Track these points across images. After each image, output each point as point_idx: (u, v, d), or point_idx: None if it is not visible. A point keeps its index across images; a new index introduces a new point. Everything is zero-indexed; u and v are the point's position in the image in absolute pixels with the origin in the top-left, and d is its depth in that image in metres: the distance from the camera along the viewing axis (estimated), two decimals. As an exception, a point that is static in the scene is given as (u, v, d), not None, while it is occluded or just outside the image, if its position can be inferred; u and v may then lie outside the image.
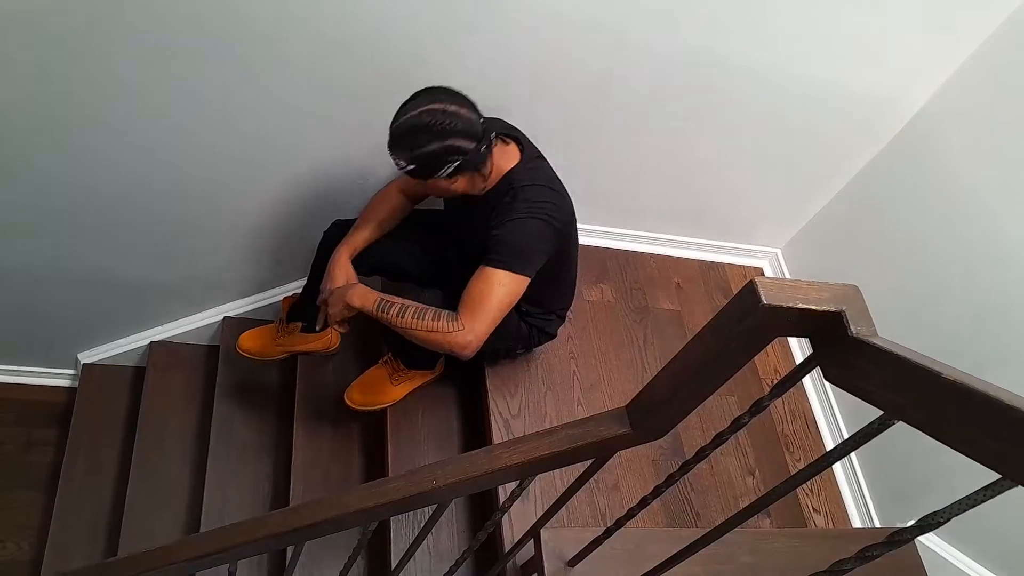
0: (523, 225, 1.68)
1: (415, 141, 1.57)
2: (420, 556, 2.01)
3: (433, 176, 1.62)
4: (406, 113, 1.57)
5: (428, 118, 1.55)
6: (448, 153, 1.58)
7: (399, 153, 1.59)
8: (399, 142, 1.58)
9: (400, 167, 1.61)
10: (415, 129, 1.56)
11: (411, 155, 1.58)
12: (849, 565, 0.84)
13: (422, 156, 1.58)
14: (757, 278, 0.74)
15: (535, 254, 1.72)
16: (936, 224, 2.12)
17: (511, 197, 1.71)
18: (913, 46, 1.97)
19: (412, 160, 1.58)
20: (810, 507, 2.28)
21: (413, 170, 1.60)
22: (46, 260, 2.22)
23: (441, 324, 1.66)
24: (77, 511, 2.49)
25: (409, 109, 1.57)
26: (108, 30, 1.57)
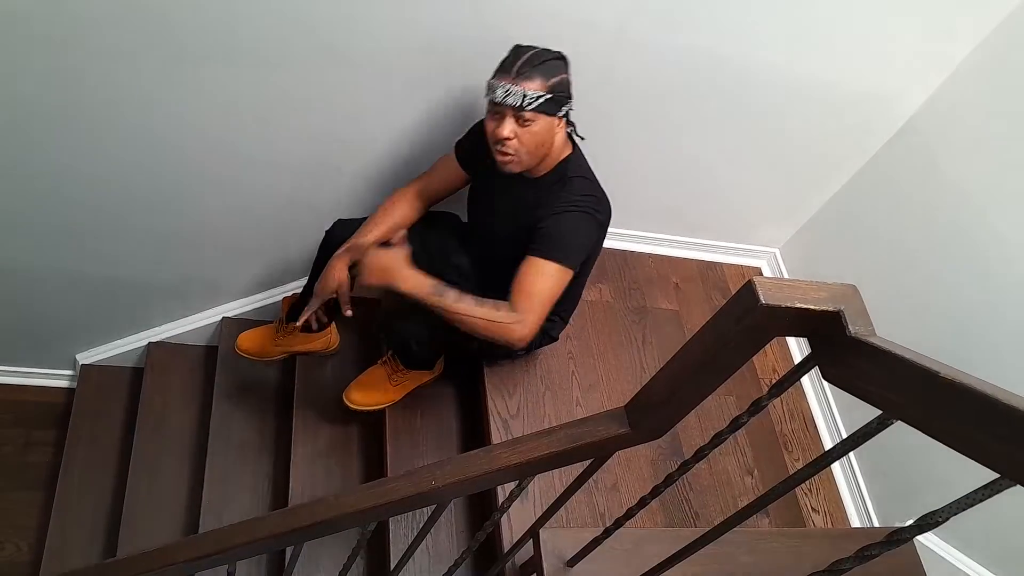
0: (573, 219, 1.71)
1: (549, 67, 1.60)
2: (419, 556, 2.01)
3: (559, 109, 1.64)
4: (525, 51, 1.60)
5: (550, 53, 1.61)
6: (568, 88, 1.64)
7: (535, 80, 1.58)
8: (534, 68, 1.58)
9: (532, 100, 1.58)
10: (546, 58, 1.60)
11: (548, 81, 1.60)
12: (848, 564, 0.84)
13: (558, 84, 1.61)
14: (755, 278, 0.74)
15: (581, 249, 1.74)
16: (933, 224, 2.13)
17: (562, 185, 1.73)
18: (910, 47, 1.98)
19: (550, 88, 1.60)
20: (809, 507, 2.28)
21: (548, 99, 1.60)
22: (44, 260, 2.22)
23: (501, 315, 1.65)
24: (76, 511, 2.49)
25: (529, 48, 1.61)
26: (108, 30, 1.57)
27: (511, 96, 1.59)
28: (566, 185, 1.73)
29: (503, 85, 1.60)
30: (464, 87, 1.91)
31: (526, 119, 1.62)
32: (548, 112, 1.63)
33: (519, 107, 1.60)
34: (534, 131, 1.64)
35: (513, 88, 1.58)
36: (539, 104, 1.60)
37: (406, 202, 1.97)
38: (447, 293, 1.68)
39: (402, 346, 1.87)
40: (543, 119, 1.64)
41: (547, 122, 1.65)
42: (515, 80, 1.58)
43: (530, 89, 1.58)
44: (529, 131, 1.64)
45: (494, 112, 1.65)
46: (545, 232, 1.69)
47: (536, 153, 1.70)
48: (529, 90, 1.58)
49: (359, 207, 2.19)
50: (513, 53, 1.62)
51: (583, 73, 1.93)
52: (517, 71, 1.59)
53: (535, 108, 1.60)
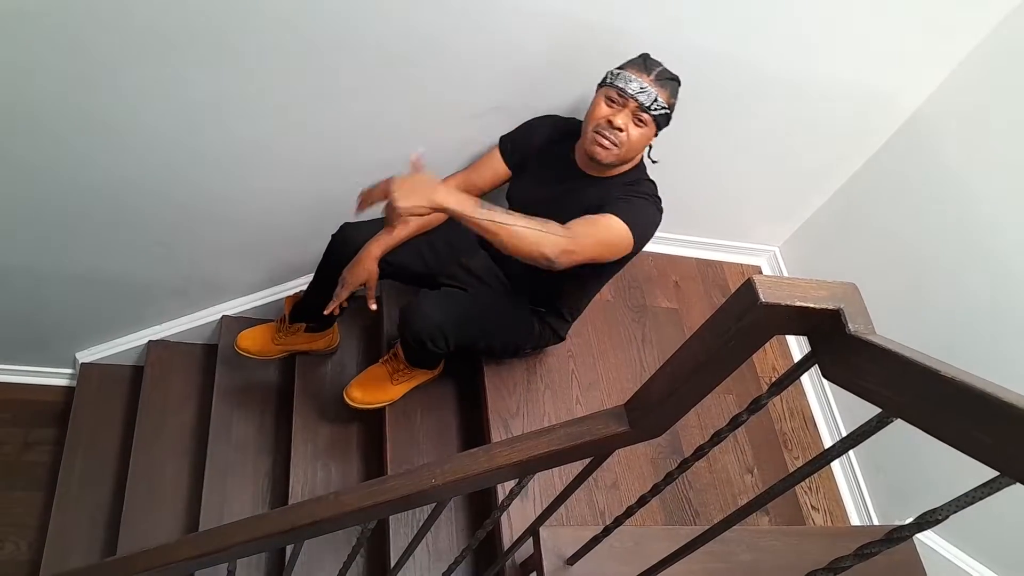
0: (648, 206, 1.78)
1: (674, 91, 1.73)
2: (419, 555, 2.02)
3: (664, 127, 1.75)
4: (657, 64, 1.72)
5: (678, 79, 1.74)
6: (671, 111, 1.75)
7: (665, 92, 1.70)
8: (668, 81, 1.71)
9: (657, 107, 1.68)
10: (673, 78, 1.73)
11: (669, 99, 1.72)
12: (847, 563, 0.84)
13: (671, 106, 1.73)
14: (755, 276, 0.74)
15: (645, 232, 1.74)
16: (933, 222, 2.13)
17: (637, 181, 1.82)
18: (911, 46, 1.98)
19: (669, 104, 1.72)
20: (809, 505, 2.28)
21: (665, 113, 1.71)
22: (45, 259, 2.22)
23: (551, 227, 1.55)
24: (76, 510, 2.49)
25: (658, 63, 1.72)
26: (109, 29, 1.57)
27: (645, 94, 1.67)
28: (640, 184, 1.81)
29: (639, 81, 1.67)
30: (466, 89, 1.91)
31: (642, 120, 1.70)
32: (659, 125, 1.73)
33: (645, 107, 1.67)
34: (641, 132, 1.72)
35: (649, 88, 1.67)
36: (660, 114, 1.70)
37: None
38: (494, 210, 1.50)
39: (418, 342, 1.84)
40: (651, 128, 1.72)
41: (651, 132, 1.73)
42: (653, 82, 1.68)
43: (660, 97, 1.68)
44: (638, 131, 1.72)
45: (614, 101, 1.70)
46: (624, 202, 1.72)
47: (628, 153, 1.76)
48: (660, 97, 1.68)
49: (367, 212, 2.19)
50: (646, 58, 1.72)
51: (583, 73, 1.93)
52: (656, 76, 1.69)
53: (656, 115, 1.69)
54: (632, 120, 1.70)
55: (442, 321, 1.82)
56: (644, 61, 1.71)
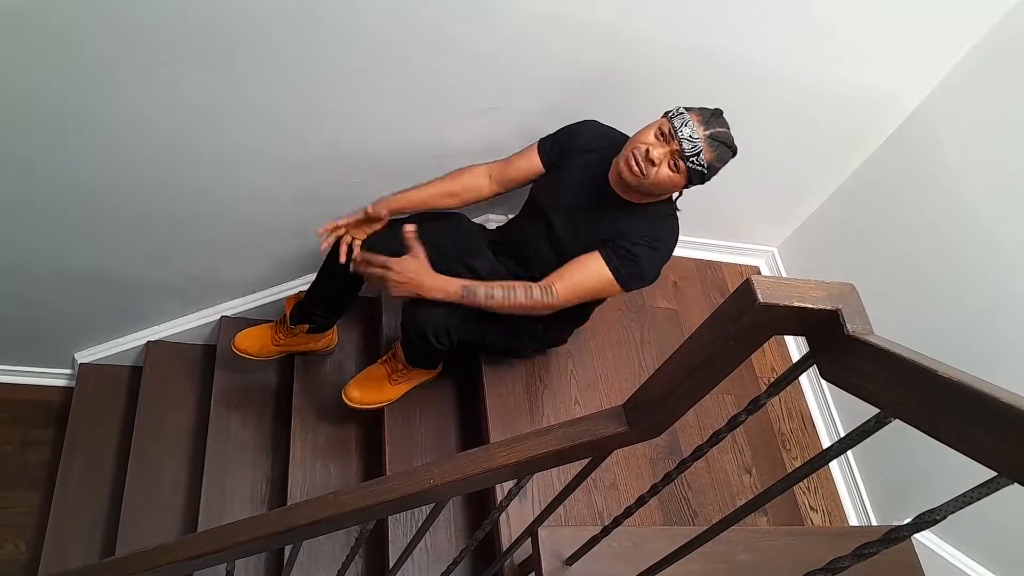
0: (652, 256, 1.80)
1: (723, 156, 1.69)
2: (418, 555, 2.02)
3: (698, 183, 1.71)
4: (727, 127, 1.69)
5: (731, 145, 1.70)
6: (711, 176, 1.71)
7: (712, 151, 1.66)
8: (720, 144, 1.66)
9: (696, 162, 1.66)
10: (732, 148, 1.70)
11: (712, 162, 1.67)
12: (846, 563, 0.84)
13: (713, 170, 1.69)
14: (753, 276, 0.74)
15: (644, 278, 1.83)
16: (930, 223, 2.13)
17: (660, 218, 1.82)
18: (908, 47, 1.98)
19: (710, 166, 1.68)
20: (807, 505, 2.28)
21: (700, 171, 1.67)
22: (43, 259, 2.21)
23: (534, 300, 1.77)
24: (74, 511, 2.49)
25: (726, 125, 1.70)
26: (106, 30, 1.57)
27: (690, 142, 1.65)
28: (662, 219, 1.82)
29: (695, 129, 1.65)
30: (468, 90, 1.91)
31: (677, 166, 1.68)
32: (691, 179, 1.70)
33: (685, 155, 1.66)
34: (671, 176, 1.70)
35: (699, 141, 1.65)
36: (695, 169, 1.67)
37: (476, 175, 1.99)
38: (476, 292, 1.76)
39: (422, 338, 1.85)
40: (682, 177, 1.70)
41: (681, 181, 1.71)
42: (706, 137, 1.65)
43: (704, 154, 1.65)
44: (669, 173, 1.69)
45: (663, 134, 1.69)
46: (627, 252, 1.77)
47: (652, 189, 1.75)
48: (703, 154, 1.65)
49: (358, 206, 2.19)
50: (716, 114, 1.69)
51: (580, 71, 1.93)
52: (713, 133, 1.65)
53: (691, 167, 1.67)
54: (669, 160, 1.68)
55: (447, 317, 1.82)
56: (712, 115, 1.68)
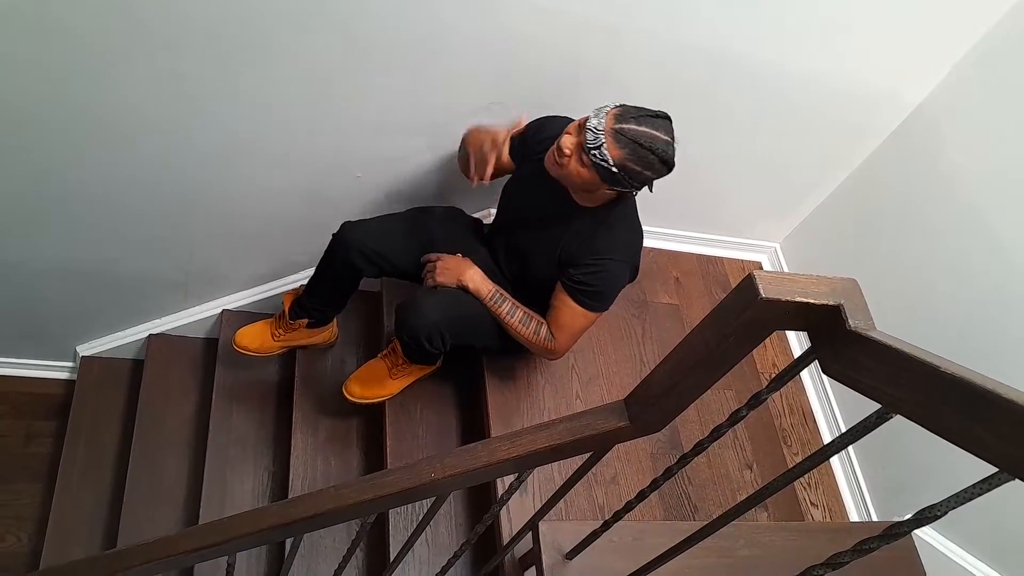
0: (615, 270, 1.80)
1: (642, 158, 1.56)
2: (418, 549, 2.02)
3: (612, 184, 1.62)
4: (655, 128, 1.56)
5: (670, 153, 1.58)
6: (641, 181, 1.62)
7: (619, 148, 1.54)
8: (629, 145, 1.54)
9: (598, 156, 1.55)
10: (653, 150, 1.55)
11: (625, 163, 1.56)
12: (846, 558, 0.84)
13: (628, 172, 1.57)
14: (755, 272, 0.74)
15: (614, 295, 1.86)
16: (933, 219, 2.13)
17: (607, 227, 1.78)
18: (911, 43, 1.97)
19: (619, 166, 1.56)
20: (808, 501, 2.29)
21: (606, 170, 1.57)
22: (45, 253, 2.22)
23: (542, 338, 1.87)
24: (76, 503, 2.49)
25: (658, 127, 1.56)
26: (108, 23, 1.56)
27: (592, 134, 1.56)
28: (612, 228, 1.79)
29: (600, 122, 1.56)
30: (467, 90, 1.91)
31: (583, 160, 1.60)
32: (601, 176, 1.60)
33: (586, 147, 1.57)
34: (580, 171, 1.62)
35: (601, 134, 1.55)
36: (598, 163, 1.57)
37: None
38: (503, 304, 1.87)
39: (414, 341, 1.87)
40: (591, 174, 1.61)
41: (592, 178, 1.62)
42: (611, 132, 1.55)
43: (608, 151, 1.55)
44: (577, 168, 1.62)
45: (579, 126, 1.62)
46: (586, 281, 1.79)
47: (574, 185, 1.72)
48: (607, 150, 1.55)
49: (367, 207, 2.19)
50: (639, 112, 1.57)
51: (582, 68, 1.93)
52: (620, 128, 1.54)
53: (593, 163, 1.58)
54: (577, 153, 1.60)
55: (439, 320, 1.83)
56: (637, 114, 1.57)
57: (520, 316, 1.87)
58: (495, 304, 1.87)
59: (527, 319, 1.87)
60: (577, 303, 1.81)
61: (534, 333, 1.87)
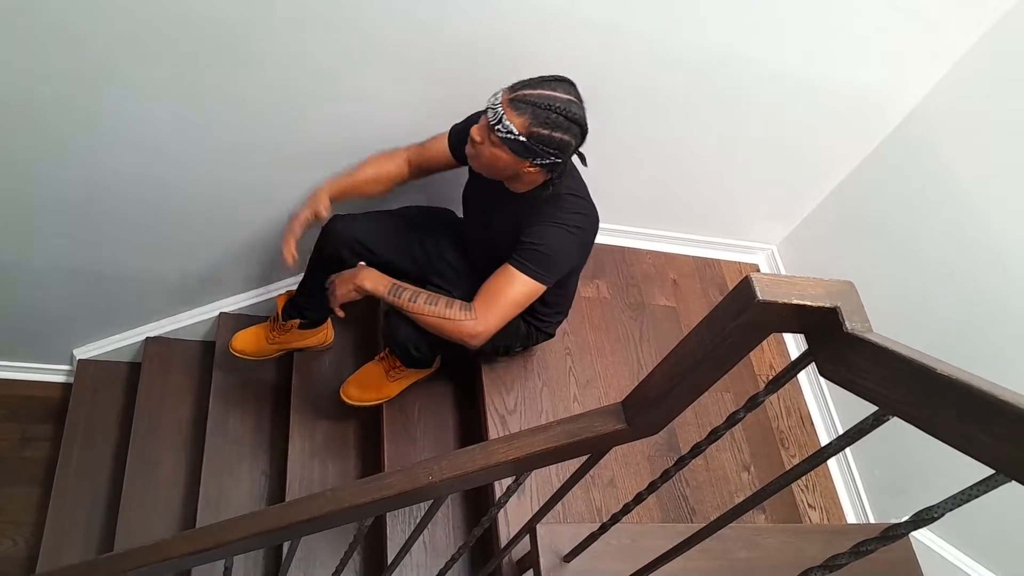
0: (555, 235, 1.69)
1: (545, 119, 1.51)
2: (416, 552, 2.02)
3: (526, 157, 1.57)
4: (553, 89, 1.52)
5: (574, 109, 1.54)
6: (558, 147, 1.55)
7: (519, 116, 1.51)
8: (529, 108, 1.50)
9: (502, 127, 1.53)
10: (554, 108, 1.51)
11: (529, 128, 1.51)
12: (843, 560, 0.84)
13: (538, 137, 1.53)
14: (752, 274, 0.74)
15: (561, 265, 1.74)
16: (930, 221, 2.13)
17: (550, 203, 1.71)
18: (908, 44, 1.97)
19: (527, 134, 1.52)
20: (805, 503, 2.29)
21: (515, 141, 1.53)
22: (42, 255, 2.21)
23: (454, 312, 1.69)
24: (73, 507, 2.49)
25: (555, 88, 1.53)
26: (109, 26, 1.56)
27: (492, 111, 1.55)
28: (556, 201, 1.71)
29: (497, 98, 1.55)
30: (465, 88, 1.91)
31: (493, 140, 1.58)
32: (514, 151, 1.56)
33: (490, 125, 1.56)
34: (495, 153, 1.59)
35: (499, 108, 1.54)
36: (506, 139, 1.54)
37: (394, 161, 1.95)
38: (402, 293, 1.74)
39: (402, 349, 1.88)
40: (504, 152, 1.58)
41: (507, 158, 1.58)
42: (508, 102, 1.53)
43: (510, 121, 1.52)
44: (491, 151, 1.59)
45: (484, 112, 1.61)
46: (529, 244, 1.68)
47: (491, 171, 1.67)
48: (508, 120, 1.52)
49: (358, 204, 2.19)
50: (534, 79, 1.55)
51: (579, 70, 1.93)
52: (515, 96, 1.52)
53: (502, 139, 1.55)
54: (485, 135, 1.58)
55: (410, 333, 1.83)
56: (529, 82, 1.54)
57: (425, 298, 1.71)
58: (396, 297, 1.73)
59: (433, 299, 1.71)
60: (515, 266, 1.68)
61: (446, 308, 1.69)
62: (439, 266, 2.01)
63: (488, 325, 1.69)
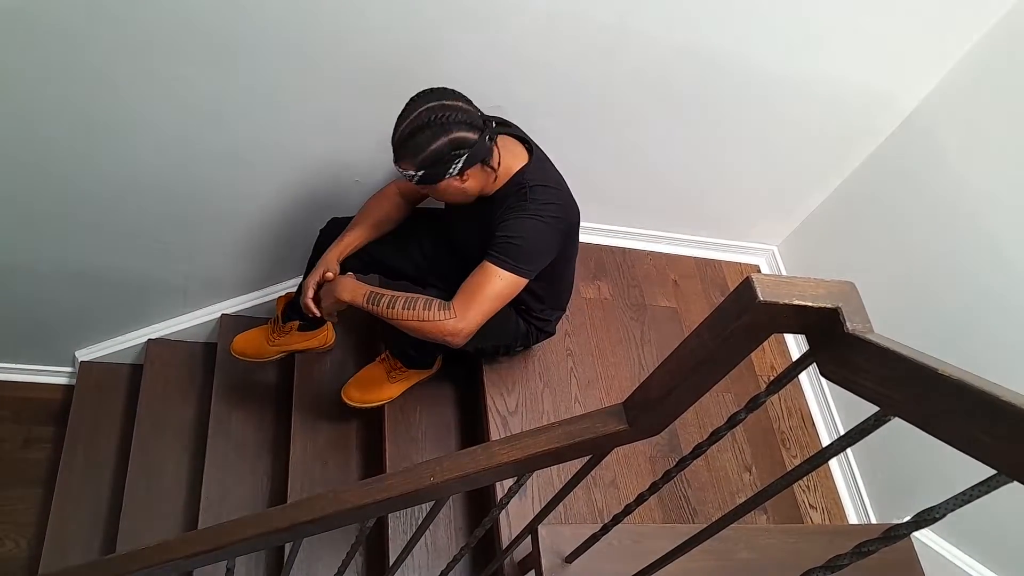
0: (529, 226, 1.68)
1: (418, 142, 1.55)
2: (418, 553, 2.02)
3: (444, 177, 1.60)
4: (404, 120, 1.57)
5: (427, 116, 1.55)
6: (453, 147, 1.57)
7: (405, 161, 1.58)
8: (403, 149, 1.57)
9: (410, 177, 1.60)
10: (416, 131, 1.55)
11: (417, 159, 1.57)
12: (845, 561, 0.84)
13: (428, 157, 1.56)
14: (753, 275, 0.74)
15: (538, 256, 1.73)
16: (931, 221, 2.13)
17: (520, 196, 1.70)
18: (910, 44, 1.98)
19: (420, 165, 1.57)
20: (806, 503, 2.28)
21: (423, 175, 1.59)
22: (44, 258, 2.22)
23: (432, 312, 1.67)
24: (75, 508, 2.49)
25: (406, 116, 1.57)
26: (106, 27, 1.57)
27: (402, 176, 1.62)
28: (526, 195, 1.71)
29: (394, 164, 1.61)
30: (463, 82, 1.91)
31: (422, 189, 1.66)
32: (431, 182, 1.61)
33: (413, 183, 1.62)
34: (438, 192, 1.66)
35: (400, 169, 1.61)
36: (418, 180, 1.61)
37: (387, 200, 1.97)
38: (380, 299, 1.73)
39: (401, 349, 1.89)
40: (433, 188, 1.64)
41: (442, 185, 1.63)
42: (395, 161, 1.61)
43: (406, 170, 1.59)
44: (435, 192, 1.67)
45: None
46: (503, 238, 1.69)
47: (463, 197, 1.71)
48: (406, 171, 1.59)
49: (359, 201, 2.19)
50: (396, 124, 1.59)
51: (581, 71, 1.93)
52: (394, 152, 1.60)
53: (420, 182, 1.61)
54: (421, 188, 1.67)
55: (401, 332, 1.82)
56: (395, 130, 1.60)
57: (402, 302, 1.70)
58: (373, 304, 1.73)
59: (410, 302, 1.69)
60: (491, 260, 1.68)
61: (424, 310, 1.67)
62: (438, 267, 2.01)
63: (468, 322, 1.67)
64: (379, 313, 1.73)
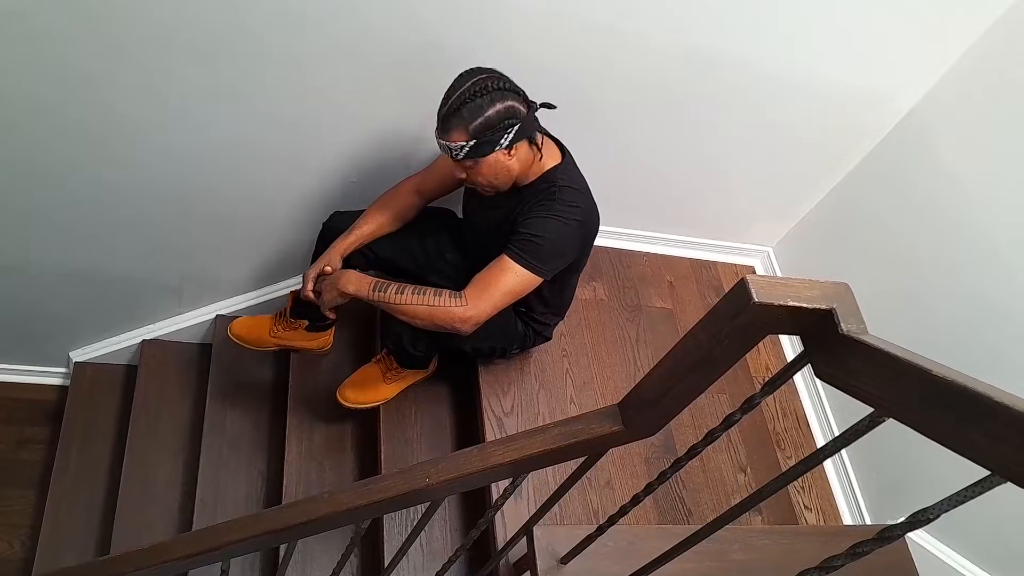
0: (553, 227, 1.69)
1: (473, 108, 1.54)
2: (413, 554, 2.02)
3: (494, 149, 1.59)
4: (456, 90, 1.56)
5: (482, 84, 1.55)
6: (507, 115, 1.56)
7: (457, 131, 1.56)
8: (456, 117, 1.55)
9: (459, 150, 1.57)
10: (471, 97, 1.54)
11: (471, 127, 1.55)
12: (839, 561, 0.84)
13: (483, 124, 1.55)
14: (748, 276, 0.74)
15: (557, 257, 1.74)
16: (927, 222, 2.14)
17: (548, 195, 1.71)
18: (905, 46, 1.98)
19: (473, 133, 1.55)
20: (801, 504, 2.29)
21: (474, 146, 1.57)
22: (38, 258, 2.21)
23: (443, 299, 1.66)
24: (69, 509, 2.48)
25: (458, 87, 1.56)
26: (98, 29, 1.56)
27: (444, 151, 1.62)
28: (555, 194, 1.72)
29: (437, 138, 1.60)
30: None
31: (468, 165, 1.64)
32: (482, 155, 1.60)
33: (454, 160, 1.62)
34: (482, 170, 1.65)
35: (443, 143, 1.60)
36: (467, 153, 1.59)
37: (402, 195, 1.98)
38: (388, 289, 1.71)
39: (398, 347, 1.88)
40: (482, 163, 1.63)
41: (489, 162, 1.63)
42: (442, 135, 1.59)
43: (454, 142, 1.57)
44: (477, 171, 1.65)
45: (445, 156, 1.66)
46: (526, 235, 1.69)
47: (500, 180, 1.70)
48: (453, 143, 1.57)
49: (356, 199, 2.19)
50: (444, 98, 1.59)
51: (577, 70, 1.94)
52: (442, 125, 1.58)
53: (468, 156, 1.60)
54: (463, 167, 1.65)
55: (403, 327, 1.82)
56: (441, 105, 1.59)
57: (411, 290, 1.69)
58: (380, 293, 1.71)
59: (421, 290, 1.69)
60: (510, 255, 1.68)
61: (435, 296, 1.66)
62: (439, 264, 2.01)
63: (479, 312, 1.67)
64: (386, 301, 1.70)
